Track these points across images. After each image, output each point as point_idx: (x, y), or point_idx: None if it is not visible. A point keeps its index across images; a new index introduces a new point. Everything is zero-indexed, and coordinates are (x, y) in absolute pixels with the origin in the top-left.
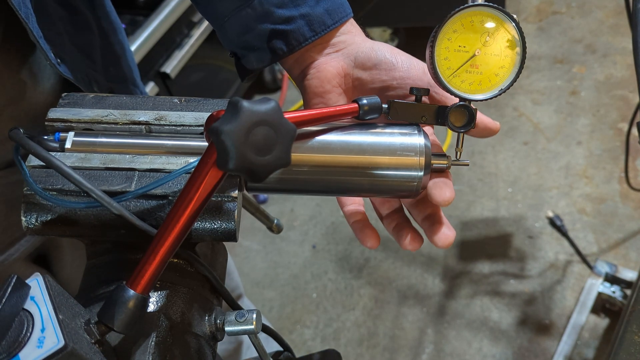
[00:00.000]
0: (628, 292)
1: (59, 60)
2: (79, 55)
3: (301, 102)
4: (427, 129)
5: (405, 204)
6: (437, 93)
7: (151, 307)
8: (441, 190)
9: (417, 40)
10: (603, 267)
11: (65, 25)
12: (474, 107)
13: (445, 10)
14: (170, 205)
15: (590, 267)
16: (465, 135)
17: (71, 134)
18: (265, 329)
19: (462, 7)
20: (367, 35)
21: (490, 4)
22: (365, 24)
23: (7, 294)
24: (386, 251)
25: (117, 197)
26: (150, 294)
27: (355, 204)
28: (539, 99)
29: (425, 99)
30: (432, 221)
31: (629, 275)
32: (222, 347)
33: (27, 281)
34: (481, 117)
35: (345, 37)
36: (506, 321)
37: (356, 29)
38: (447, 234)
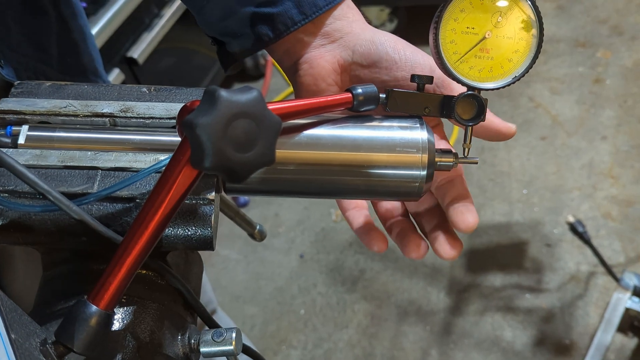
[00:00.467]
0: None
1: (1, 62)
2: (28, 47)
3: (287, 91)
4: (433, 121)
5: (410, 210)
6: (439, 87)
7: (116, 325)
8: (463, 216)
9: (419, 21)
10: (631, 280)
11: (14, 12)
12: (483, 98)
13: None
14: (137, 208)
15: (617, 279)
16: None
17: (25, 127)
18: (246, 350)
19: None
20: (366, 20)
21: None
22: (361, 2)
23: None
24: (384, 261)
25: (78, 200)
26: (115, 310)
27: (358, 207)
28: (558, 88)
29: (429, 87)
30: (439, 230)
31: None
32: None
33: None
34: (491, 119)
35: (341, 24)
36: (521, 341)
37: (353, 12)
38: (453, 246)
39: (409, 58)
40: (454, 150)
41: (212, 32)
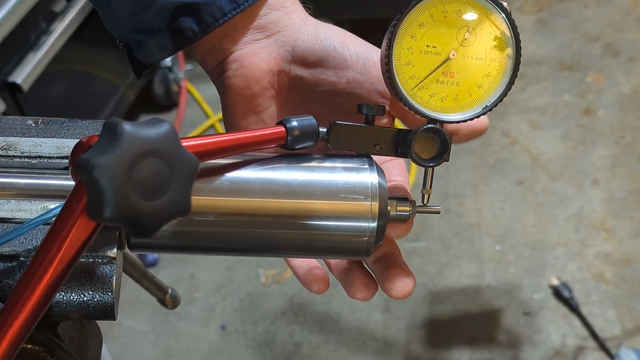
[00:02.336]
0: None
1: None
2: None
3: (206, 124)
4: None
5: None
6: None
7: None
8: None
9: (368, 37)
10: (629, 356)
11: None
12: (447, 132)
13: None
14: (22, 269)
15: (611, 355)
16: (436, 170)
17: None
18: None
19: None
20: (309, 12)
21: None
22: None
23: None
24: (325, 333)
25: None
26: None
27: None
28: (539, 121)
29: (382, 119)
30: (387, 264)
31: None
32: None
33: None
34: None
35: (278, 15)
36: None
37: (291, 2)
38: (405, 280)
39: (360, 55)
40: (411, 198)
41: (122, 31)
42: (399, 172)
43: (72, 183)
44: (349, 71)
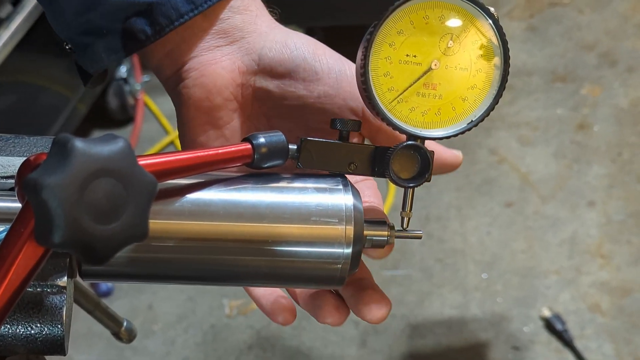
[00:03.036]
0: None
1: None
2: None
3: (165, 140)
4: (365, 181)
5: None
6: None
7: None
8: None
9: (340, 46)
10: None
11: None
12: (429, 150)
13: (387, 2)
14: None
15: None
16: (417, 191)
17: None
18: None
19: None
20: (276, 17)
21: None
22: None
23: None
24: None
25: None
26: None
27: None
28: (530, 137)
29: (358, 136)
30: (359, 286)
31: None
32: None
33: None
34: (432, 147)
35: (243, 20)
36: None
37: (256, 6)
38: (379, 304)
39: (332, 68)
40: (388, 221)
41: (69, 32)
42: (372, 192)
43: (19, 205)
44: (320, 84)
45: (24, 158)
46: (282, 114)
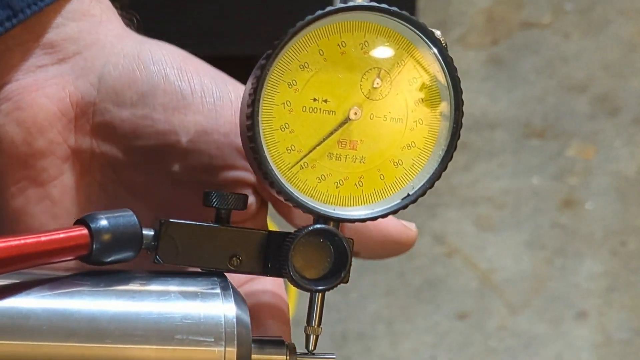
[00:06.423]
0: None
1: None
2: None
3: None
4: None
5: None
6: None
7: None
8: None
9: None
10: None
11: None
12: (347, 237)
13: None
14: None
15: None
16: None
17: None
18: None
19: (321, 12)
20: (132, 26)
21: (383, 5)
22: None
23: None
24: None
25: None
26: None
27: None
28: (493, 219)
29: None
30: None
31: None
32: None
33: None
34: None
35: (79, 28)
36: None
37: (102, 9)
38: None
39: (208, 89)
40: (288, 340)
41: None
42: (272, 282)
43: None
44: (189, 114)
45: None
46: (134, 162)
